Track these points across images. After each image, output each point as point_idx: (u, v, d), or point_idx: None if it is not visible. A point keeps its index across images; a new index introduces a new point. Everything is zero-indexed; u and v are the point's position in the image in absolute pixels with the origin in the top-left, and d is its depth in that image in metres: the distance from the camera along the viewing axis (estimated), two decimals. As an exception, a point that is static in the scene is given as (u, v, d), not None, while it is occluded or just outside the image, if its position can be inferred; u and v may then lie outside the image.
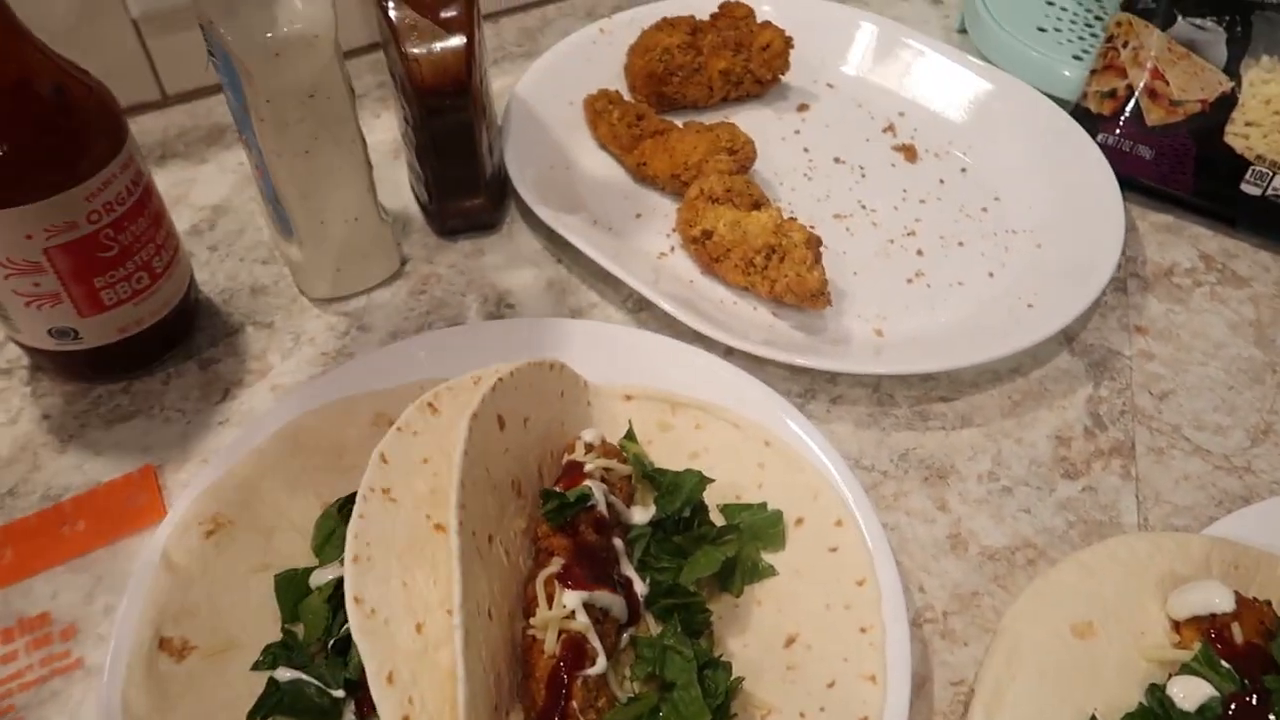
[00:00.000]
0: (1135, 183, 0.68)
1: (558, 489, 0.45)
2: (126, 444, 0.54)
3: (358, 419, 0.52)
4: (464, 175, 0.62)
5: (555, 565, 0.42)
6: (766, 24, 0.74)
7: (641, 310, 0.62)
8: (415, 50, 0.56)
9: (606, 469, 0.48)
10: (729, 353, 0.57)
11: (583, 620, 0.41)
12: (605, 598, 0.42)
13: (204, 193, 0.69)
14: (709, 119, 0.71)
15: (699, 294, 0.62)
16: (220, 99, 0.75)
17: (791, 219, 0.60)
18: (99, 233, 0.49)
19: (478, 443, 0.42)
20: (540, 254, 0.65)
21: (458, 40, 0.56)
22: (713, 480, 0.48)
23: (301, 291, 0.61)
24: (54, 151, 0.47)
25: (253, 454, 0.50)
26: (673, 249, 0.65)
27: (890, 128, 0.74)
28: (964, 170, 0.71)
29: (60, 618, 0.47)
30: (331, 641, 0.43)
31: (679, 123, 0.70)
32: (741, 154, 0.66)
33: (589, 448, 0.49)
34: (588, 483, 0.45)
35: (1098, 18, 0.79)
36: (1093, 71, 0.71)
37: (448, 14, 0.56)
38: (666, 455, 0.52)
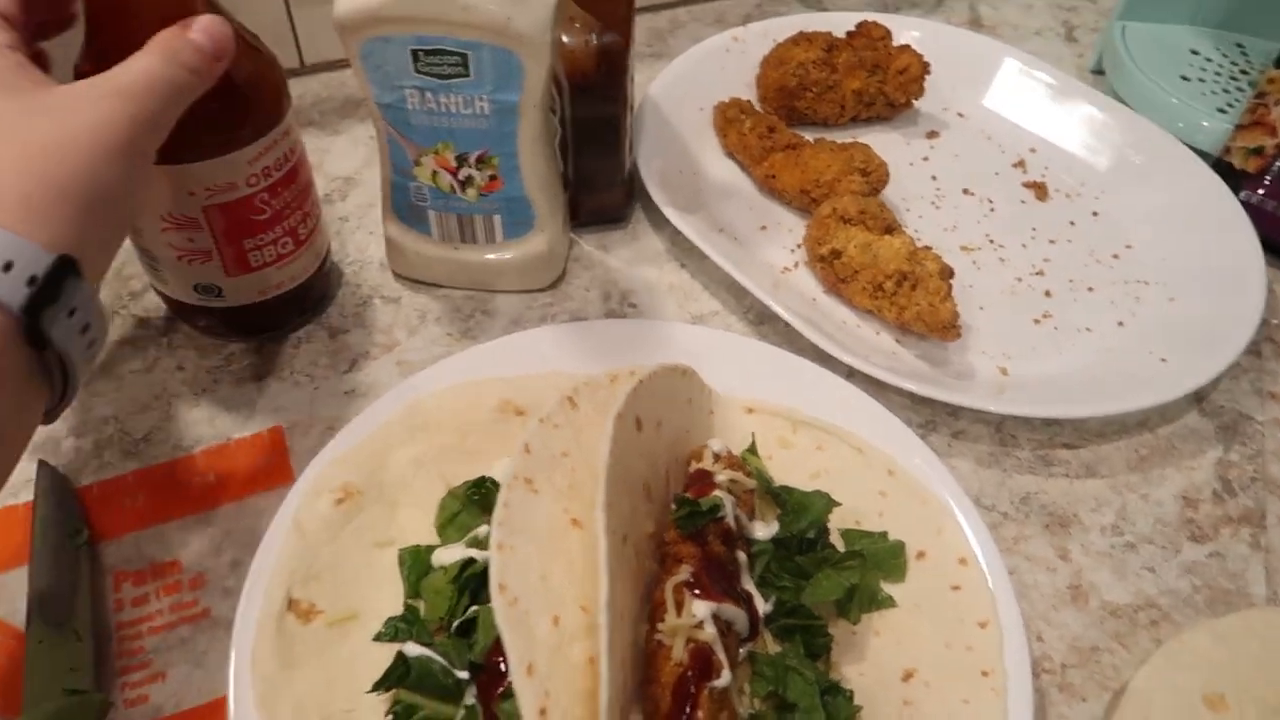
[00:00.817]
0: (1276, 245, 0.66)
1: (688, 496, 0.45)
2: (256, 403, 0.55)
3: (483, 403, 0.53)
4: (605, 168, 0.62)
5: (684, 573, 0.42)
6: (905, 47, 0.73)
7: (763, 323, 0.61)
8: (572, 41, 0.56)
9: (733, 481, 0.48)
10: (850, 375, 0.57)
11: (710, 631, 0.40)
12: (731, 610, 0.42)
13: (337, 164, 0.70)
14: (836, 137, 0.71)
15: (821, 313, 0.62)
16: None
17: (926, 248, 0.60)
18: (255, 196, 0.50)
19: (620, 443, 0.42)
20: (663, 256, 0.65)
21: (615, 34, 0.57)
22: (839, 504, 0.48)
23: (512, 291, 0.61)
24: (225, 113, 0.48)
25: (382, 427, 0.51)
26: (796, 265, 0.65)
27: (1021, 163, 0.73)
28: (1095, 214, 0.69)
29: (189, 567, 0.48)
30: (456, 623, 0.43)
31: (809, 138, 0.70)
32: (874, 176, 0.65)
33: (716, 458, 0.49)
34: (717, 493, 0.45)
35: (1243, 71, 0.78)
36: (1239, 126, 0.69)
37: (606, 7, 0.57)
38: (786, 472, 0.52)
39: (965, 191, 0.70)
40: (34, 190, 0.35)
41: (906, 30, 0.78)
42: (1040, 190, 0.71)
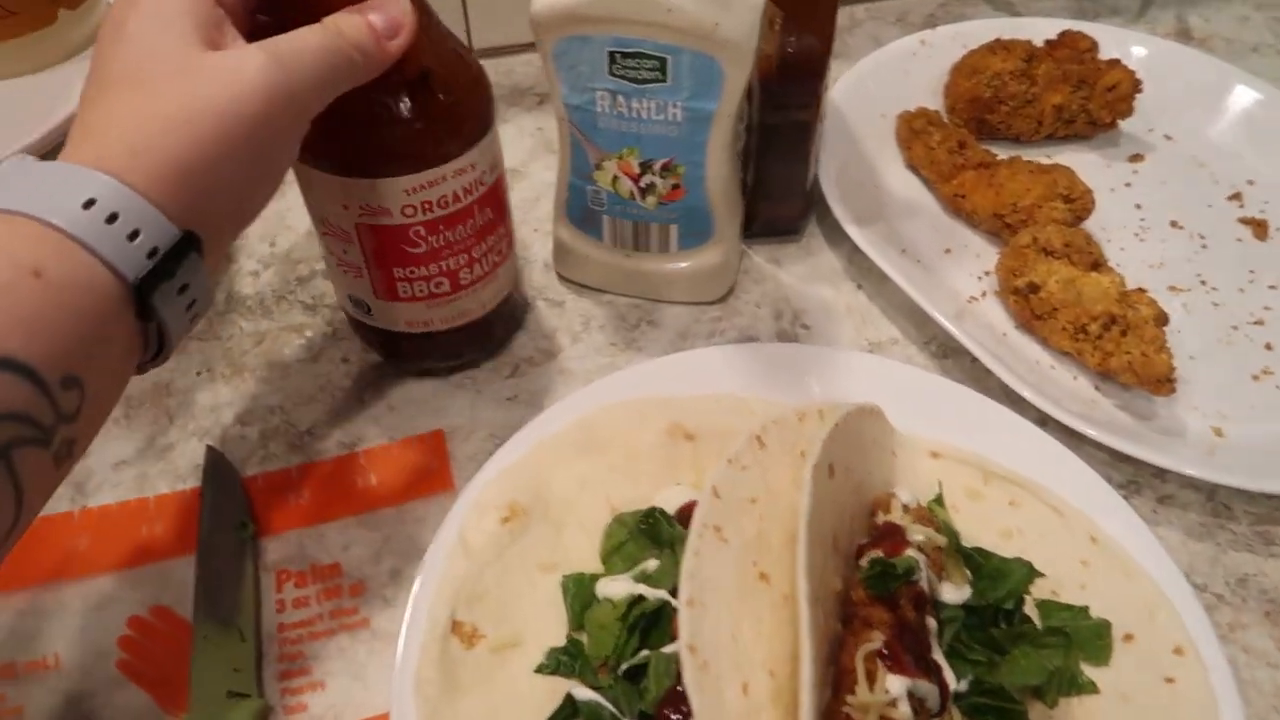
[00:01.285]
0: None
1: (879, 554, 0.42)
2: (418, 402, 0.53)
3: (652, 424, 0.50)
4: (788, 177, 0.59)
5: (877, 641, 0.39)
6: (1115, 62, 0.67)
7: (946, 356, 0.57)
8: (769, 44, 0.53)
9: (925, 536, 0.44)
10: (1042, 422, 0.52)
11: (905, 711, 0.37)
12: (925, 687, 0.38)
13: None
14: (1028, 156, 0.66)
15: (1011, 350, 0.57)
16: (525, 58, 0.74)
17: (1139, 290, 0.54)
18: (408, 228, 0.46)
19: (817, 497, 0.39)
20: (839, 274, 0.61)
21: (815, 36, 0.53)
22: (1043, 575, 0.44)
23: (680, 302, 0.58)
24: (390, 137, 0.43)
25: (548, 442, 0.49)
26: (984, 294, 0.60)
27: (1237, 196, 0.66)
28: (1325, 259, 0.62)
29: (350, 572, 0.47)
30: (624, 666, 0.41)
31: (1002, 156, 0.64)
32: (1078, 204, 0.60)
33: (905, 509, 0.45)
34: (911, 552, 0.42)
35: None
36: None
37: (807, 7, 0.53)
38: (974, 528, 0.48)
39: (1173, 224, 0.64)
40: (166, 162, 0.33)
41: (1114, 42, 0.72)
42: (1259, 228, 0.64)
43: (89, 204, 0.32)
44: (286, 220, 0.63)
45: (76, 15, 0.65)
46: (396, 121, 0.43)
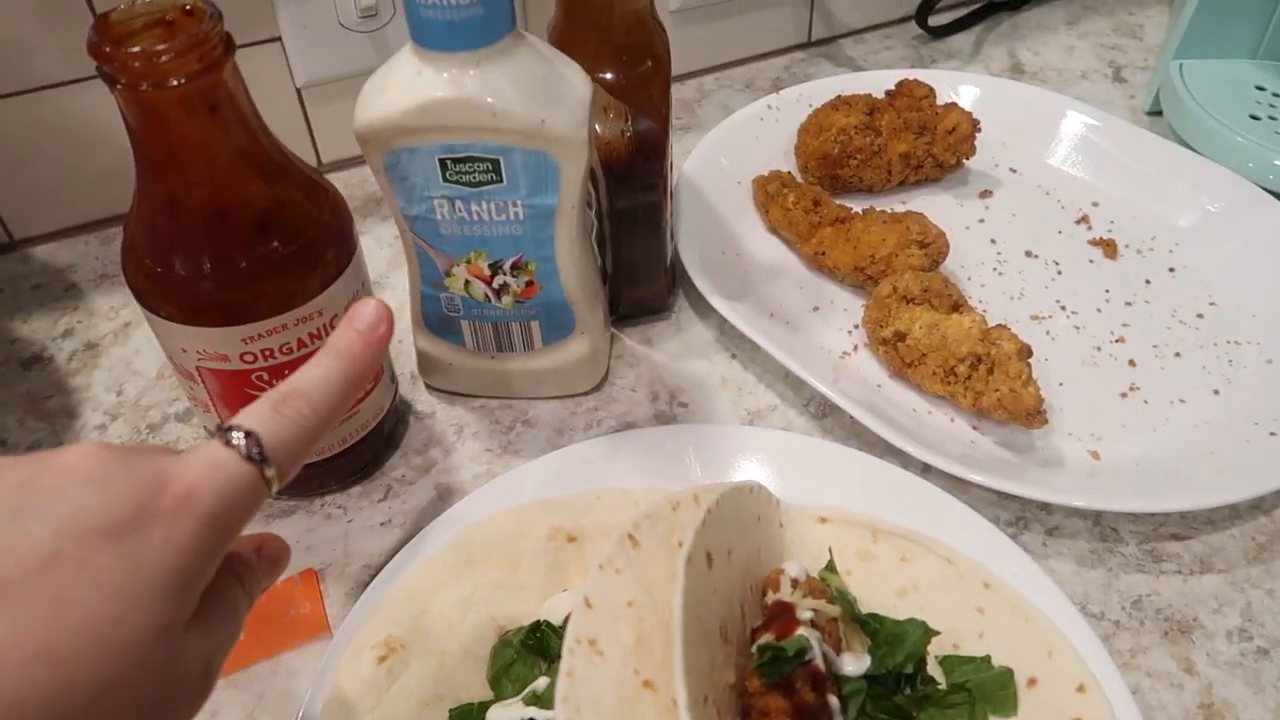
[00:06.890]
0: (1376, 292, 0.61)
1: (770, 637, 0.41)
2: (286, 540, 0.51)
3: (532, 531, 0.49)
4: (646, 258, 0.58)
5: (775, 732, 0.37)
6: (951, 105, 0.69)
7: (826, 416, 0.57)
8: (607, 130, 0.53)
9: (815, 610, 0.43)
10: (925, 470, 0.52)
11: (813, 802, 0.36)
12: (831, 772, 0.37)
13: (361, 266, 0.67)
14: (884, 204, 0.67)
15: (888, 400, 0.57)
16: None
17: (1000, 326, 0.55)
18: (251, 373, 0.45)
19: (692, 591, 0.38)
20: (712, 347, 0.61)
21: (651, 120, 0.53)
22: (938, 633, 0.43)
23: (554, 397, 0.58)
24: (220, 291, 0.42)
25: (422, 566, 0.47)
26: (856, 348, 0.60)
27: (1084, 219, 0.68)
28: (1172, 270, 0.64)
29: (221, 741, 0.43)
30: (520, 800, 0.38)
31: (857, 209, 0.66)
32: (934, 248, 0.61)
33: (794, 584, 0.44)
34: (802, 631, 0.41)
35: (1314, 105, 0.73)
36: (1319, 165, 0.65)
37: (640, 94, 0.53)
38: (869, 590, 0.47)
39: (1028, 254, 0.66)
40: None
41: (949, 86, 0.74)
42: (1109, 247, 0.66)
43: None
44: (134, 365, 0.60)
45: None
46: (229, 280, 0.42)
